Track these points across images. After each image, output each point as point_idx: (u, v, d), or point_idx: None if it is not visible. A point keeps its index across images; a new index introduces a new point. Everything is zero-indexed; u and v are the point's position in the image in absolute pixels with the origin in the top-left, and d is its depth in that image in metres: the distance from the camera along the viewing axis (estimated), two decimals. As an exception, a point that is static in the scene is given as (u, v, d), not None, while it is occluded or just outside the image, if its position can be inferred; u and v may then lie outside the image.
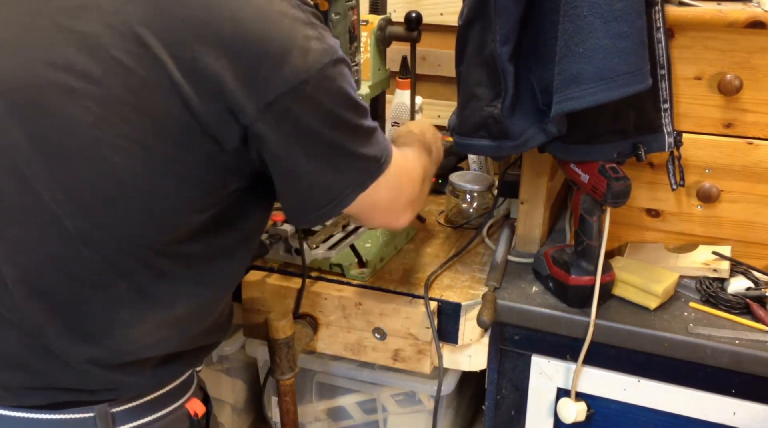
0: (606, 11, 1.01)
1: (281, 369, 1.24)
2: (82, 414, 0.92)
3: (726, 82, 1.20)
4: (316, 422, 1.55)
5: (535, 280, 1.31)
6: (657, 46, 1.16)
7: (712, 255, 1.29)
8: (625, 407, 1.24)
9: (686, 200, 1.30)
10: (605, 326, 1.19)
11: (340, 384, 1.50)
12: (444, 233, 1.51)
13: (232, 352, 1.57)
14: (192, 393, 1.03)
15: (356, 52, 1.28)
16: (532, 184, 1.35)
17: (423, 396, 1.46)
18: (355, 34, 1.26)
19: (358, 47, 1.29)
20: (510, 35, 1.09)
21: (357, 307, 1.27)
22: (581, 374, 1.23)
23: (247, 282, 1.32)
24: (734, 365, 1.14)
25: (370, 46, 1.37)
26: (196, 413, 1.01)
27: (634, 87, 1.04)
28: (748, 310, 1.20)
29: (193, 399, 1.02)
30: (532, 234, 1.38)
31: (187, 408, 1.01)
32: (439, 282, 1.31)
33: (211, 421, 1.06)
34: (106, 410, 0.93)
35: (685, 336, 1.16)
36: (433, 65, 1.81)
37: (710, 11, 1.16)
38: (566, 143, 1.17)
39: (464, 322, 1.25)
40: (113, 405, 0.94)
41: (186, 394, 1.01)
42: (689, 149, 1.25)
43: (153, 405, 0.97)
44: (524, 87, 1.14)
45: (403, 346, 1.26)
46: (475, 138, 1.18)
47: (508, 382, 1.31)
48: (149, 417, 0.97)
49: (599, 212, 1.19)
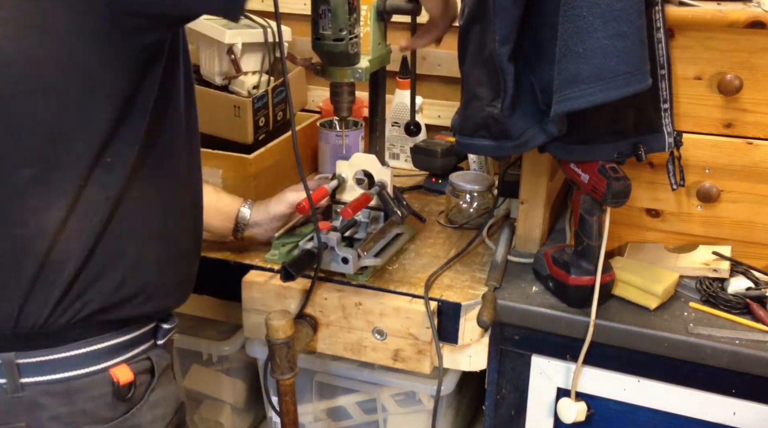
0: (605, 11, 1.01)
1: (281, 369, 1.24)
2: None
3: (726, 82, 1.20)
4: (316, 422, 1.55)
5: (535, 280, 1.31)
6: (657, 46, 1.16)
7: (712, 255, 1.29)
8: (625, 407, 1.24)
9: (686, 200, 1.30)
10: (605, 326, 1.19)
11: (340, 384, 1.50)
12: (444, 233, 1.51)
13: (232, 352, 1.57)
14: (126, 360, 1.02)
15: (355, 24, 1.26)
16: (532, 184, 1.35)
17: (423, 396, 1.46)
18: (355, 5, 1.25)
19: (358, 19, 1.27)
20: (509, 35, 1.09)
21: (357, 307, 1.27)
22: (581, 374, 1.23)
23: (247, 282, 1.33)
24: (734, 365, 1.14)
25: (370, 20, 1.35)
26: (119, 380, 0.99)
27: (634, 87, 1.04)
28: (748, 310, 1.20)
29: (122, 365, 1.01)
30: (532, 234, 1.38)
31: (111, 374, 1.00)
32: (439, 282, 1.31)
33: (148, 395, 1.04)
34: (11, 358, 0.94)
35: (685, 336, 1.16)
36: (433, 65, 1.81)
37: (710, 11, 1.16)
38: (566, 143, 1.17)
39: (464, 322, 1.25)
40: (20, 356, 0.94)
41: (115, 359, 1.01)
42: (689, 149, 1.25)
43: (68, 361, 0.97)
44: (524, 87, 1.14)
45: (403, 346, 1.26)
46: (475, 138, 1.18)
47: (508, 382, 1.31)
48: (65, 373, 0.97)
49: (599, 212, 1.19)
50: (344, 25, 1.23)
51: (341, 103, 1.37)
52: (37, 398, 0.96)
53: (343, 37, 1.24)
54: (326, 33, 1.24)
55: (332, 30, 1.23)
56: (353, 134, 1.73)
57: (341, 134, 1.44)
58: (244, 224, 1.39)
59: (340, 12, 1.22)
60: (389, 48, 1.43)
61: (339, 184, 1.42)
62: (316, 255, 1.23)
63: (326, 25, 1.23)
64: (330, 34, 1.23)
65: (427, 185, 1.73)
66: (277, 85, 1.72)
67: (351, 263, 1.25)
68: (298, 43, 1.85)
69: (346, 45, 1.25)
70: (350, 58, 1.29)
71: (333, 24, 1.23)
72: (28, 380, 0.95)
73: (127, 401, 1.01)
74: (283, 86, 1.74)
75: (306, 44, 1.45)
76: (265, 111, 1.68)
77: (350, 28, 1.24)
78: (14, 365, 0.95)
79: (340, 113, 1.39)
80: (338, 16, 1.22)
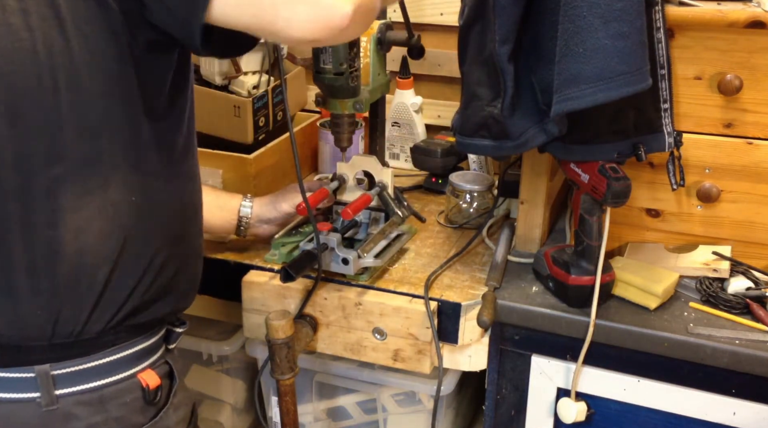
0: (606, 11, 1.01)
1: (281, 369, 1.24)
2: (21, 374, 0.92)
3: (726, 82, 1.20)
4: (316, 422, 1.55)
5: (535, 280, 1.31)
6: (657, 46, 1.16)
7: (712, 255, 1.29)
8: (625, 407, 1.24)
9: (686, 200, 1.30)
10: (605, 326, 1.19)
11: (340, 384, 1.50)
12: (444, 233, 1.51)
13: (232, 352, 1.57)
14: (150, 365, 1.02)
15: (356, 57, 1.28)
16: (532, 184, 1.35)
17: (423, 396, 1.46)
18: (355, 40, 1.26)
19: (358, 53, 1.29)
20: (509, 35, 1.09)
21: (357, 307, 1.27)
22: (581, 374, 1.23)
23: (247, 282, 1.33)
24: (734, 365, 1.14)
25: (369, 51, 1.37)
26: (148, 385, 1.00)
27: (634, 87, 1.04)
28: (748, 310, 1.20)
29: (148, 370, 1.02)
30: (532, 234, 1.38)
31: (140, 379, 1.00)
32: (439, 282, 1.31)
33: (172, 398, 1.05)
34: (46, 371, 0.92)
35: (685, 336, 1.16)
36: (433, 65, 1.81)
37: (710, 11, 1.16)
38: (566, 143, 1.17)
39: (464, 322, 1.25)
40: (54, 367, 0.93)
41: (141, 364, 1.01)
42: (689, 149, 1.25)
43: (98, 370, 0.97)
44: (524, 87, 1.14)
45: (403, 346, 1.26)
46: (475, 138, 1.18)
47: (508, 382, 1.31)
48: (95, 382, 0.96)
49: (599, 212, 1.19)
50: (344, 59, 1.24)
51: (342, 133, 1.38)
52: (71, 409, 0.95)
53: (343, 71, 1.25)
54: (327, 67, 1.25)
55: (333, 64, 1.25)
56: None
57: (341, 135, 1.46)
58: (247, 220, 1.38)
59: (341, 47, 1.23)
60: (389, 77, 1.45)
61: (339, 185, 1.42)
62: (316, 256, 1.23)
63: (327, 60, 1.24)
64: (330, 68, 1.25)
65: (427, 185, 1.73)
66: (277, 85, 1.72)
67: (351, 264, 1.25)
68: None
69: (347, 79, 1.26)
70: (350, 91, 1.30)
71: (333, 58, 1.24)
72: (62, 391, 0.94)
73: (155, 405, 1.02)
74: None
75: (306, 44, 1.45)
76: (265, 111, 1.68)
77: (350, 62, 1.26)
78: (49, 377, 0.93)
79: (340, 144, 1.40)
80: (338, 50, 1.23)
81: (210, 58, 1.74)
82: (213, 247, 1.41)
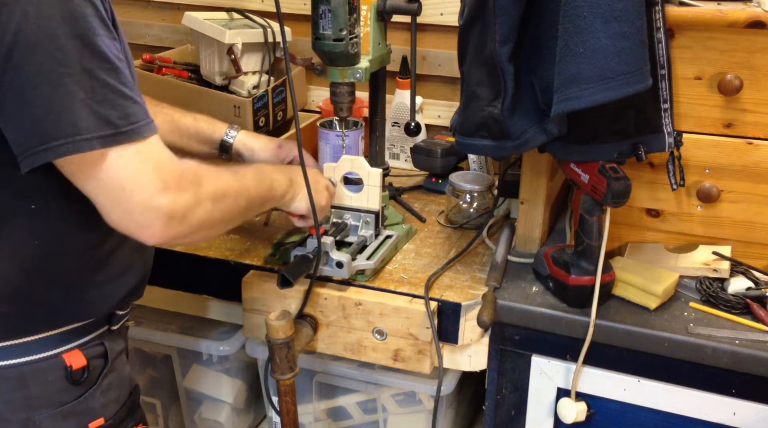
0: (606, 11, 1.01)
1: (281, 369, 1.24)
2: None
3: (726, 82, 1.20)
4: (316, 422, 1.56)
5: (535, 280, 1.31)
6: (657, 46, 1.16)
7: (712, 255, 1.29)
8: (625, 407, 1.24)
9: (686, 200, 1.30)
10: (605, 326, 1.19)
11: (340, 384, 1.50)
12: (444, 233, 1.51)
13: (232, 352, 1.57)
14: (79, 346, 1.03)
15: (356, 25, 1.26)
16: (532, 184, 1.35)
17: (423, 396, 1.46)
18: (355, 5, 1.25)
19: (358, 19, 1.27)
20: (509, 35, 1.09)
21: (357, 307, 1.27)
22: (581, 374, 1.23)
23: (247, 282, 1.33)
24: (734, 365, 1.14)
25: (370, 20, 1.35)
26: (71, 365, 1.02)
27: (634, 87, 1.04)
28: (748, 310, 1.20)
29: (75, 350, 1.03)
30: (532, 234, 1.38)
31: (63, 359, 1.02)
32: (439, 282, 1.31)
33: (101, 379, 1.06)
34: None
35: (685, 336, 1.16)
36: (433, 65, 1.81)
37: (710, 11, 1.16)
38: (566, 143, 1.17)
39: (464, 322, 1.25)
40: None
41: (68, 344, 1.02)
42: (689, 149, 1.25)
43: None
44: (524, 87, 1.14)
45: (403, 346, 1.26)
46: (475, 138, 1.18)
47: (508, 382, 1.31)
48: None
49: (599, 212, 1.19)
50: (344, 25, 1.23)
51: (341, 103, 1.37)
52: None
53: (343, 38, 1.24)
54: (326, 33, 1.24)
55: (332, 30, 1.23)
56: (353, 134, 1.72)
57: (341, 134, 1.44)
58: (228, 144, 1.36)
59: (341, 12, 1.22)
60: (389, 48, 1.43)
61: None
62: (312, 261, 1.23)
63: (326, 26, 1.23)
64: (330, 34, 1.24)
65: (427, 185, 1.73)
66: (277, 85, 1.72)
67: (346, 268, 1.25)
68: (298, 43, 1.85)
69: (346, 45, 1.25)
70: (350, 59, 1.29)
71: (333, 24, 1.23)
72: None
73: (81, 385, 1.03)
74: (283, 86, 1.74)
75: (306, 44, 1.45)
76: (265, 111, 1.68)
77: (350, 29, 1.25)
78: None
79: (340, 113, 1.39)
80: (338, 16, 1.22)
81: (210, 58, 1.74)
82: (213, 247, 1.41)
